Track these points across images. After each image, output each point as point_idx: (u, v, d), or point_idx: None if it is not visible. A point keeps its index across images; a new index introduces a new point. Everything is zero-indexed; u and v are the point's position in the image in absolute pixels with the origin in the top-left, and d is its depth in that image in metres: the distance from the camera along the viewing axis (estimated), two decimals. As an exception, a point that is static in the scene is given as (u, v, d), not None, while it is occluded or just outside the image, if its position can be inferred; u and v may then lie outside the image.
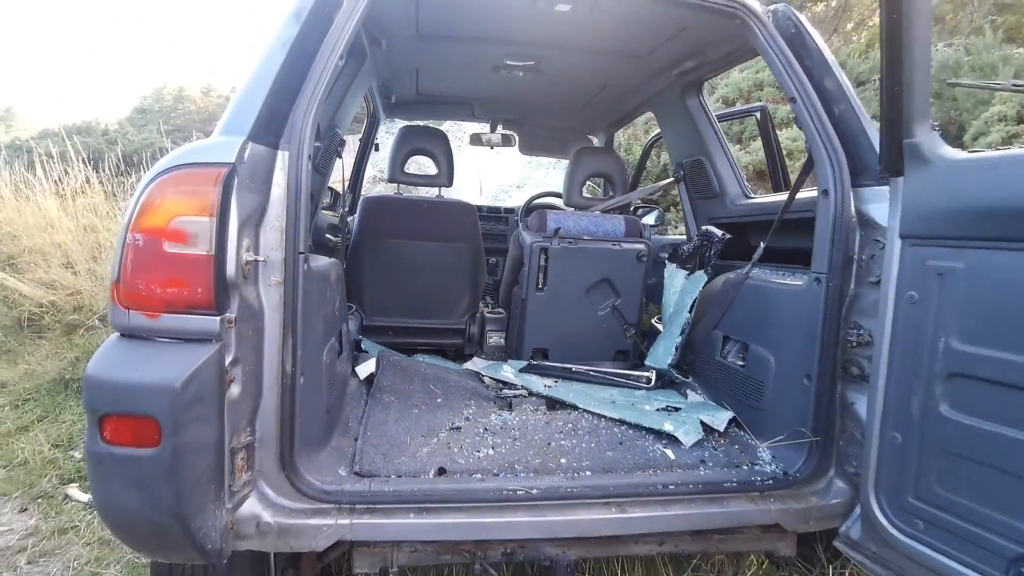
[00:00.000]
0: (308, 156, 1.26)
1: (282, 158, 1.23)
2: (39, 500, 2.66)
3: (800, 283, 1.55)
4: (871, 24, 15.06)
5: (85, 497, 2.62)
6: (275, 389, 1.23)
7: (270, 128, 1.22)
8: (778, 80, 1.59)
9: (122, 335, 1.12)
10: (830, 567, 1.51)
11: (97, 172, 6.49)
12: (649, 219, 3.30)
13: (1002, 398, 1.04)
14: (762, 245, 1.74)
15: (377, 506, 1.29)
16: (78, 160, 6.48)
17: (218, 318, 1.10)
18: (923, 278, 1.17)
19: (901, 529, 1.21)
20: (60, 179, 6.78)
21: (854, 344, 1.40)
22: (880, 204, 1.35)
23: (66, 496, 2.64)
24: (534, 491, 1.34)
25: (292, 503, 1.26)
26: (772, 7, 1.65)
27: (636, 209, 3.46)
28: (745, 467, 1.51)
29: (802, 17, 1.59)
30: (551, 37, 2.07)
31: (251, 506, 1.23)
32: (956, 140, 5.12)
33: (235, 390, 1.15)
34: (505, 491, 1.34)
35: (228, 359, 1.12)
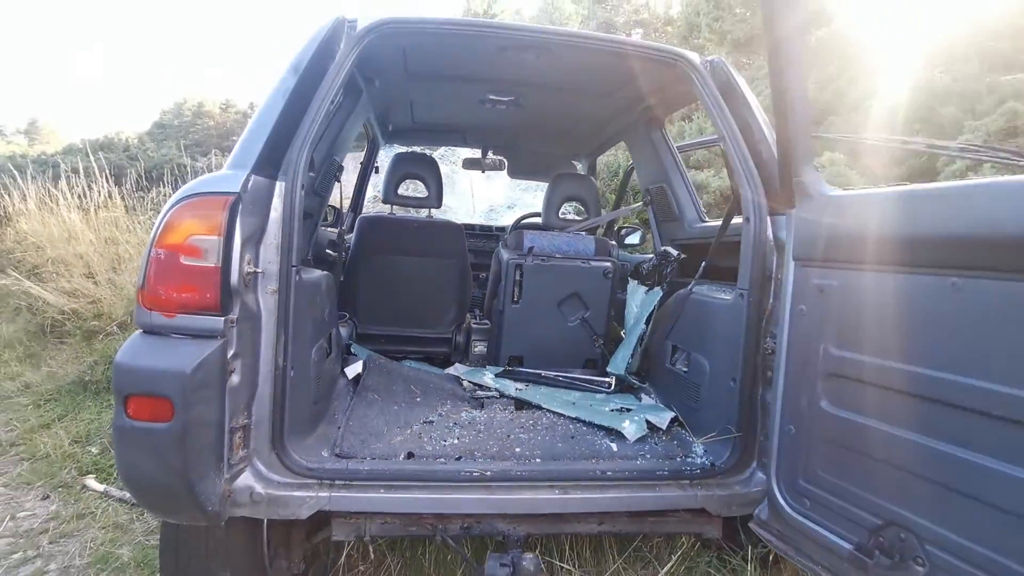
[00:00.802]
0: (301, 185, 1.52)
1: (279, 187, 1.49)
2: (59, 489, 2.90)
3: (729, 298, 1.77)
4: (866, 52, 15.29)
5: (101, 487, 2.87)
6: (269, 380, 1.47)
7: (270, 163, 1.48)
8: (711, 120, 1.83)
9: (144, 331, 1.36)
10: (750, 548, 1.71)
11: (119, 187, 6.84)
12: (633, 239, 3.53)
13: (863, 394, 1.25)
14: (702, 265, 1.97)
15: (353, 482, 1.52)
16: (101, 176, 6.83)
17: (223, 318, 1.34)
18: (809, 294, 1.39)
19: (794, 508, 1.42)
20: (83, 193, 7.14)
21: (769, 352, 1.62)
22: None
23: (83, 486, 2.89)
24: (488, 473, 1.56)
25: (280, 478, 1.49)
26: (709, 58, 1.89)
27: (620, 229, 3.70)
28: (678, 459, 1.72)
29: (732, 68, 1.83)
30: (526, 77, 2.33)
31: (246, 479, 1.46)
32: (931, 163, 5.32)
33: (235, 379, 1.39)
34: (463, 473, 1.56)
35: (230, 353, 1.36)
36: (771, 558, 1.78)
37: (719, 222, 2.48)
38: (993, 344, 1.02)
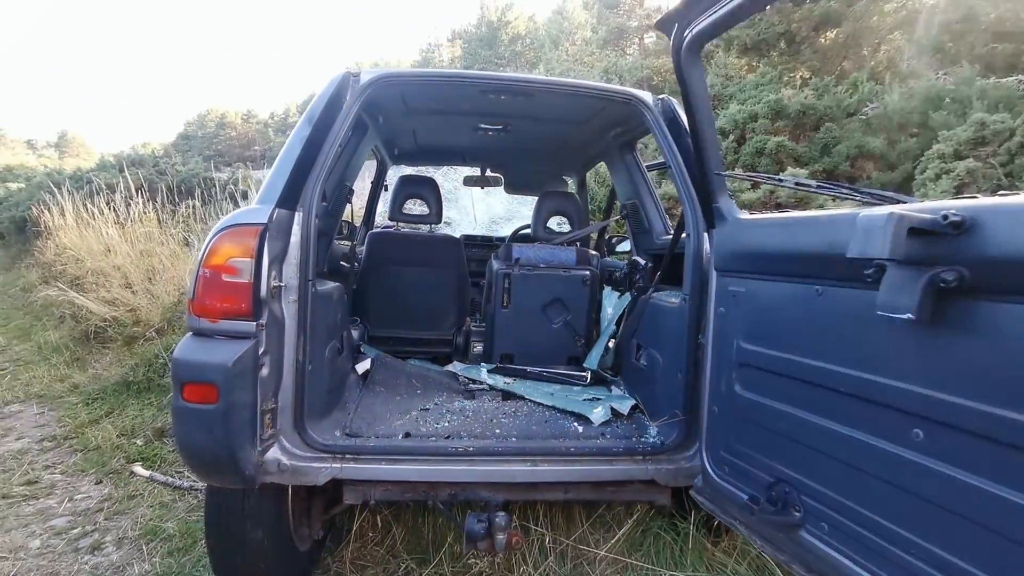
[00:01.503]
0: (316, 215, 1.87)
1: (298, 217, 1.84)
2: (110, 475, 3.30)
3: (677, 302, 2.09)
4: (878, 54, 15.32)
5: (147, 473, 3.27)
6: (291, 373, 1.82)
7: (290, 198, 1.84)
8: (660, 149, 2.14)
9: (194, 334, 1.73)
10: (693, 513, 2.01)
11: (153, 202, 7.33)
12: (623, 246, 3.84)
13: (762, 379, 1.56)
14: (658, 274, 2.28)
15: (360, 456, 1.86)
16: (137, 192, 7.32)
17: (255, 323, 1.70)
18: (727, 298, 1.70)
19: (717, 475, 1.72)
20: (118, 208, 7.64)
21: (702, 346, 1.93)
22: (719, 245, 1.89)
23: (132, 472, 3.28)
24: (470, 448, 1.90)
25: (301, 452, 1.84)
26: (660, 97, 2.22)
27: (611, 238, 4.03)
28: (634, 439, 2.03)
29: (678, 105, 2.15)
30: (511, 111, 2.67)
31: (274, 452, 1.81)
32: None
33: (264, 371, 1.74)
34: (450, 448, 1.89)
35: (260, 350, 1.71)
36: (715, 524, 2.09)
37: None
38: (842, 338, 1.32)
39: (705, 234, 1.95)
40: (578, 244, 3.09)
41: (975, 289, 1.01)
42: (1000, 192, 1.25)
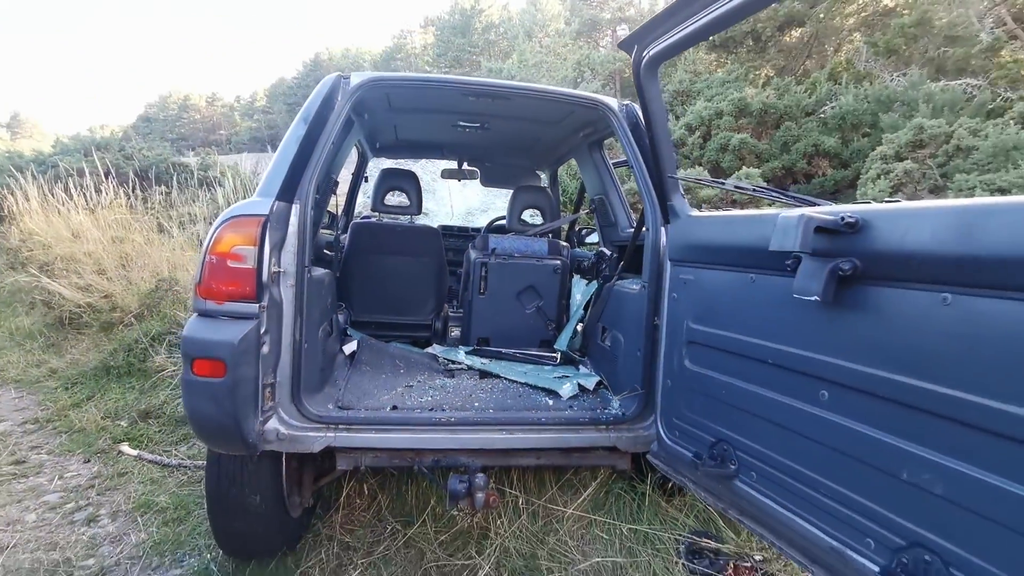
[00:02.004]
0: (311, 206, 2.05)
1: (295, 209, 2.01)
2: (98, 455, 3.40)
3: (637, 288, 2.33)
4: (839, 54, 15.89)
5: (135, 452, 3.39)
6: (289, 351, 2.00)
7: (288, 191, 2.00)
8: (623, 150, 2.38)
9: (200, 315, 1.89)
10: (650, 475, 2.28)
11: (124, 187, 7.27)
12: (592, 238, 4.08)
13: (707, 353, 1.82)
14: (621, 264, 2.52)
15: (352, 426, 2.06)
16: (107, 178, 7.25)
17: (257, 305, 1.87)
18: (679, 284, 1.95)
19: (670, 438, 1.98)
20: (86, 193, 7.54)
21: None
22: (673, 238, 2.13)
23: (119, 452, 3.40)
24: (452, 419, 2.11)
25: (298, 423, 2.03)
26: (624, 103, 2.44)
27: (581, 230, 4.27)
28: (598, 411, 2.28)
29: (639, 111, 2.38)
30: (488, 111, 2.87)
31: (274, 423, 1.99)
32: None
33: (265, 349, 1.92)
34: (433, 418, 2.10)
35: (262, 330, 1.89)
36: (669, 486, 2.35)
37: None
38: (768, 317, 1.58)
39: (662, 228, 2.19)
40: (550, 236, 3.31)
41: (866, 276, 1.27)
42: (887, 200, 1.51)
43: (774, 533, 1.55)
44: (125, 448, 3.42)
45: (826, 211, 1.34)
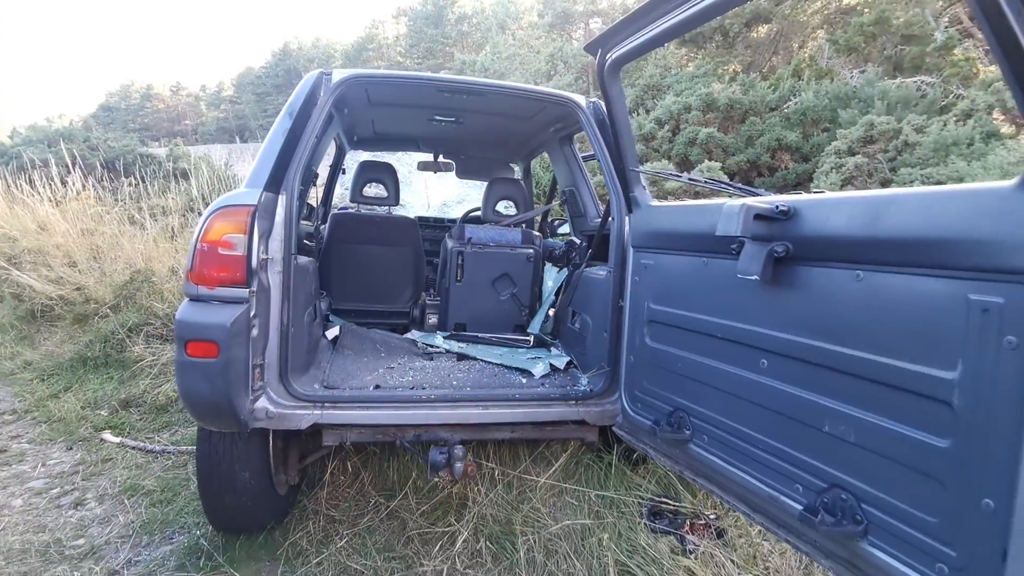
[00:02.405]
0: (296, 197, 2.16)
1: (282, 199, 2.13)
2: (80, 443, 3.45)
3: (604, 274, 2.50)
4: (803, 50, 16.35)
5: (117, 439, 3.45)
6: (277, 333, 2.12)
7: (275, 182, 2.11)
8: (591, 145, 2.54)
9: (192, 300, 1.99)
10: (616, 446, 2.47)
11: (92, 178, 7.17)
12: (564, 228, 4.25)
13: (664, 331, 2.00)
14: (589, 251, 2.70)
15: (337, 404, 2.19)
16: (75, 169, 7.14)
17: (247, 290, 1.98)
18: (640, 269, 2.13)
19: (634, 410, 2.16)
20: (52, 185, 7.42)
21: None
22: (636, 227, 2.31)
23: (102, 439, 3.45)
24: (432, 396, 2.26)
25: (286, 401, 2.15)
26: (592, 100, 2.61)
27: (553, 221, 4.43)
28: (568, 388, 2.45)
29: (604, 108, 2.54)
30: (463, 106, 3.00)
31: (263, 402, 2.11)
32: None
33: (255, 332, 2.03)
34: (414, 396, 2.25)
35: (252, 314, 2.00)
36: (633, 456, 2.55)
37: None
38: (717, 296, 1.76)
39: (626, 218, 2.37)
40: (524, 226, 3.46)
41: (796, 257, 1.46)
42: (815, 190, 1.71)
43: (722, 489, 1.75)
44: (107, 436, 3.47)
45: (764, 201, 1.53)
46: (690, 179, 2.10)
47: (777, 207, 1.47)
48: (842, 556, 1.36)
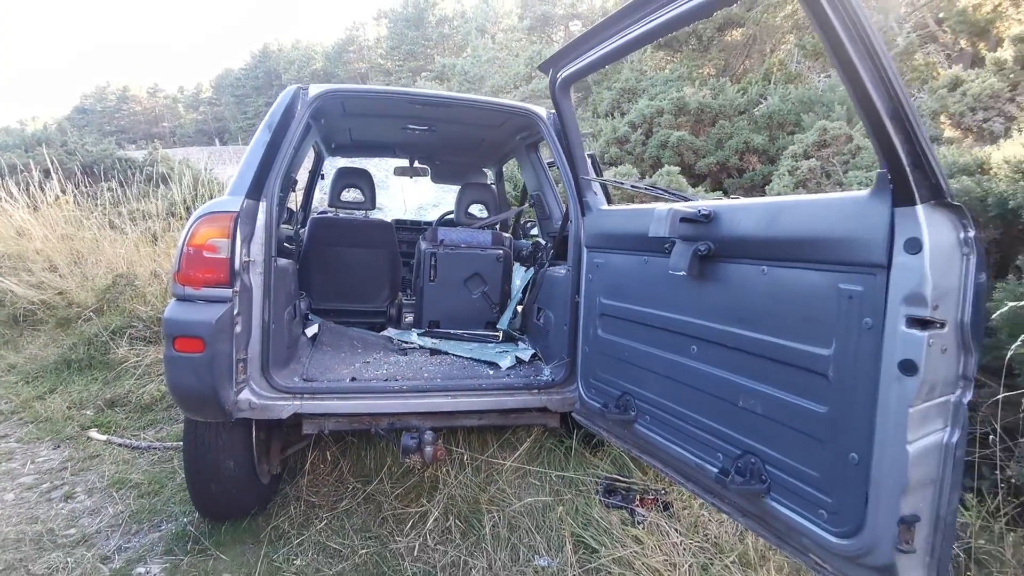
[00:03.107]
0: (276, 203, 2.33)
1: (262, 206, 2.30)
2: (67, 441, 3.57)
3: (564, 272, 2.71)
4: (775, 53, 16.76)
5: (103, 437, 3.57)
6: (259, 330, 2.29)
7: (256, 190, 2.28)
8: (552, 153, 2.75)
9: (179, 299, 2.16)
10: (576, 432, 2.68)
11: (70, 183, 7.20)
12: (535, 230, 4.45)
13: (613, 323, 2.21)
14: (551, 251, 2.90)
15: (316, 395, 2.36)
16: (55, 174, 7.17)
17: (230, 290, 2.15)
18: (593, 267, 2.33)
19: (589, 396, 2.37)
20: (30, 190, 7.43)
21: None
22: (592, 229, 2.52)
23: (88, 437, 3.57)
24: (404, 387, 2.44)
25: (268, 393, 2.31)
26: (551, 111, 2.81)
27: (526, 223, 4.63)
28: (531, 378, 2.65)
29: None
30: (435, 116, 3.19)
31: (246, 394, 2.27)
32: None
33: (238, 328, 2.20)
34: (388, 387, 2.43)
35: (235, 312, 2.17)
36: (592, 440, 2.76)
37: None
38: (655, 290, 1.98)
39: (580, 220, 2.57)
40: (495, 228, 3.66)
41: (717, 255, 1.67)
42: (733, 196, 1.93)
43: (662, 463, 1.96)
44: (94, 434, 3.59)
45: (690, 206, 1.74)
46: (632, 186, 2.32)
47: (700, 211, 1.68)
48: (755, 512, 1.58)
